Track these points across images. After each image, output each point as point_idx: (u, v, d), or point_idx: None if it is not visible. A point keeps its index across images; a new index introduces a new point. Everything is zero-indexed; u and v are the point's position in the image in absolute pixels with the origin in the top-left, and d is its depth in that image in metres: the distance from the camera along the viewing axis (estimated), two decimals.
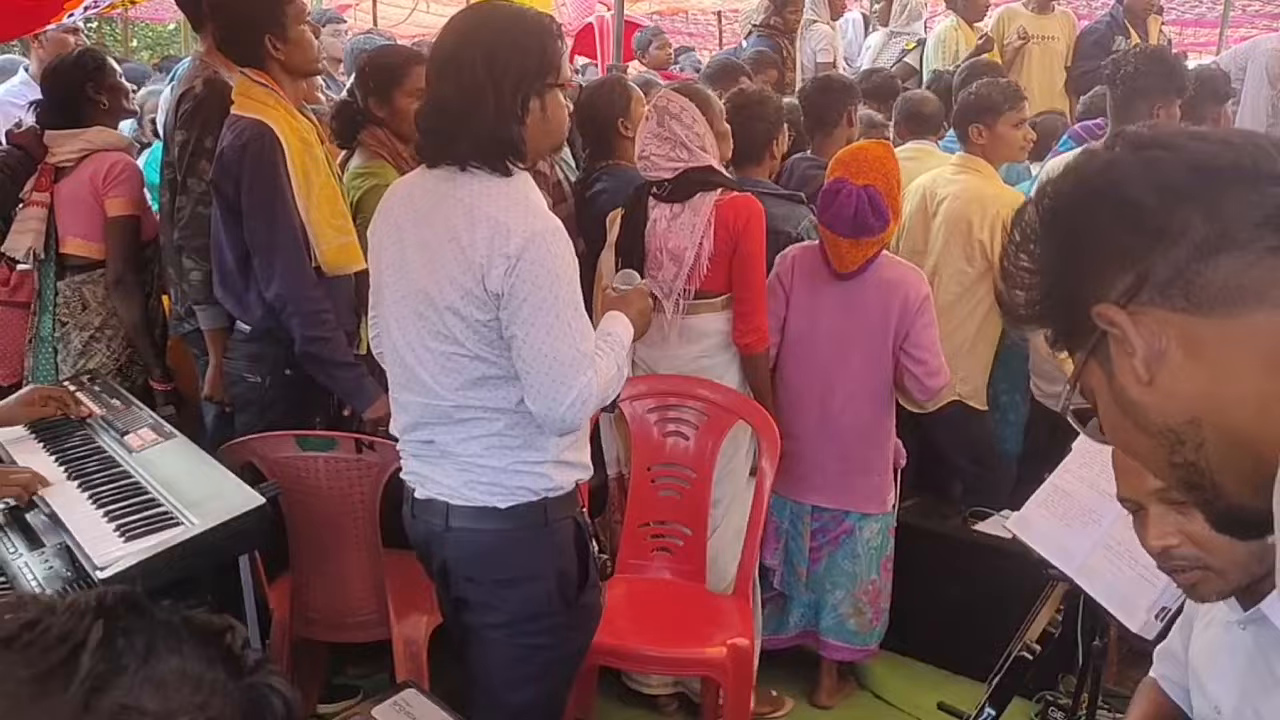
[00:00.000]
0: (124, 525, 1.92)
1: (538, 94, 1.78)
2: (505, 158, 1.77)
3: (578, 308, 1.77)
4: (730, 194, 2.67)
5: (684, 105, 2.67)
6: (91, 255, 3.02)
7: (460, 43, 1.80)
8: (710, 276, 2.68)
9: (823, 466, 2.89)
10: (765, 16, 5.75)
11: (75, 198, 2.99)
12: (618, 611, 2.61)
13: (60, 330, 2.99)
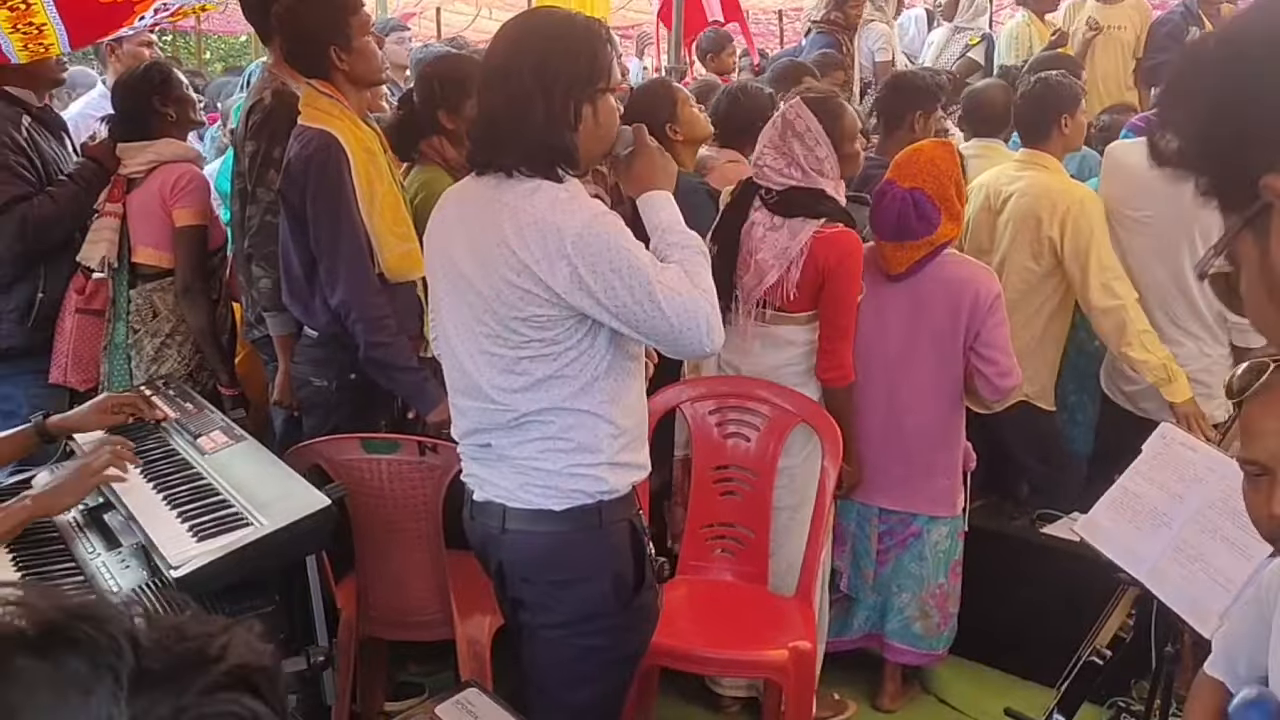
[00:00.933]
0: (197, 525, 1.97)
1: (589, 100, 1.79)
2: (556, 165, 1.78)
3: (653, 261, 1.77)
4: (832, 228, 2.65)
5: (810, 125, 2.64)
6: (161, 264, 3.09)
7: (510, 52, 1.81)
8: (794, 302, 2.68)
9: (889, 468, 2.86)
10: (825, 12, 5.70)
11: (145, 208, 3.07)
12: (679, 612, 2.62)
13: (133, 337, 3.08)
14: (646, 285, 1.72)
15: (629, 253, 1.73)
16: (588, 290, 1.72)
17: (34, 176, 3.05)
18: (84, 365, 3.11)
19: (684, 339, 1.77)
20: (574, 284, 1.72)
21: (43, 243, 3.05)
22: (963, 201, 2.81)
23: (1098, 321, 3.09)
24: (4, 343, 3.11)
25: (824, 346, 2.71)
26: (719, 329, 1.81)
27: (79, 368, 3.11)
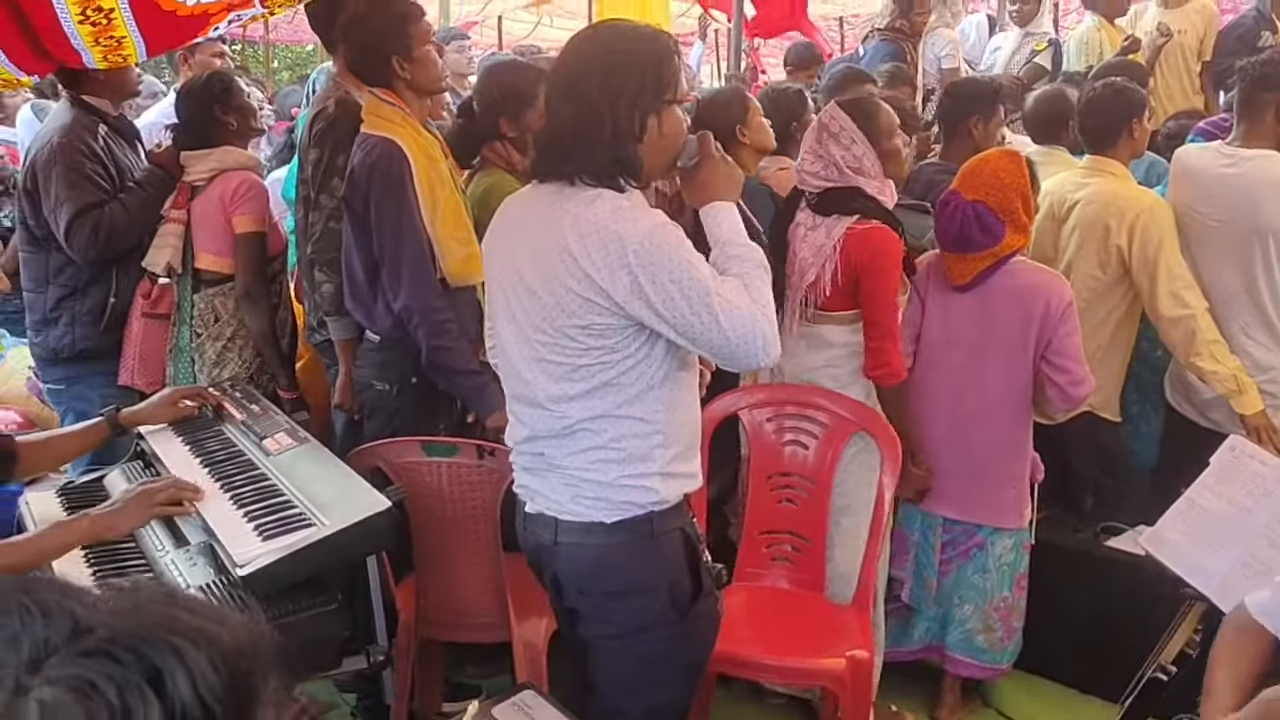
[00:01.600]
0: (262, 525, 2.01)
1: (655, 112, 1.79)
2: (620, 176, 1.78)
3: (713, 274, 1.77)
4: (865, 224, 2.65)
5: (844, 125, 2.66)
6: (222, 270, 3.15)
7: (577, 65, 1.82)
8: (832, 299, 2.68)
9: (954, 478, 2.83)
10: (890, 19, 5.65)
11: (206, 215, 3.13)
12: (736, 619, 2.60)
13: (196, 341, 3.15)
14: (705, 297, 1.72)
15: (689, 264, 1.73)
16: (646, 300, 1.72)
17: (109, 184, 3.14)
18: (150, 368, 3.19)
19: (739, 353, 1.77)
20: (633, 293, 1.72)
21: (115, 248, 3.14)
22: (1030, 213, 2.76)
23: (1166, 331, 3.02)
24: (79, 344, 3.21)
25: (868, 345, 2.70)
26: (775, 343, 1.80)
27: (145, 370, 3.19)
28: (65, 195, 3.06)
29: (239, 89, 3.26)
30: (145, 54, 2.12)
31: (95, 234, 3.07)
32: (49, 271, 3.21)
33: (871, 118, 2.69)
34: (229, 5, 1.74)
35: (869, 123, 2.68)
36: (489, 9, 12.62)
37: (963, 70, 5.93)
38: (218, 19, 1.77)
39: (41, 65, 2.05)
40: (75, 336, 3.21)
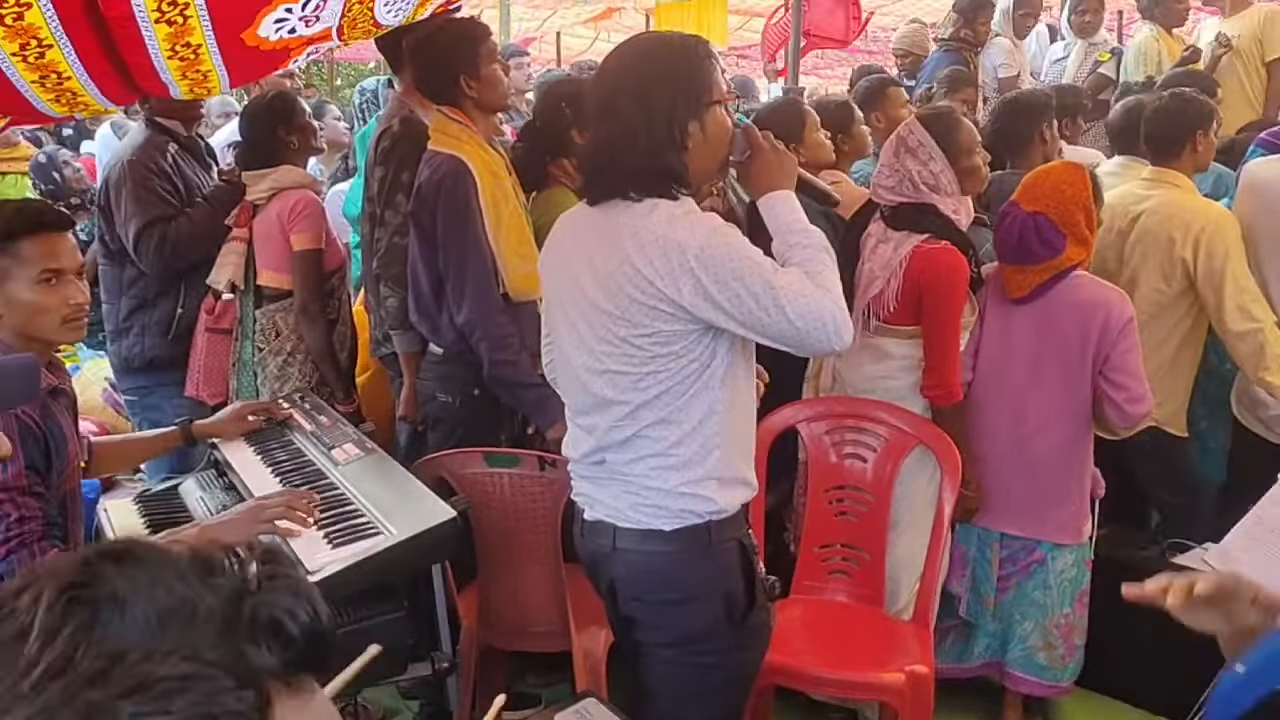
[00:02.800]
0: (331, 533, 2.06)
1: (695, 117, 1.81)
2: (668, 185, 1.81)
3: (774, 266, 1.79)
4: (934, 244, 2.64)
5: (923, 140, 2.66)
6: (282, 286, 3.22)
7: (609, 83, 1.86)
8: (895, 314, 2.69)
9: (1012, 493, 2.81)
10: (954, 30, 5.63)
11: (266, 233, 3.21)
12: (794, 632, 2.62)
13: (258, 355, 3.22)
14: (770, 291, 1.74)
15: (750, 260, 1.76)
16: (713, 301, 1.75)
17: (176, 199, 3.26)
18: (214, 381, 3.28)
19: (810, 339, 1.78)
20: (699, 296, 1.75)
21: (181, 260, 3.25)
22: (1093, 226, 2.74)
23: (1233, 346, 2.97)
24: (148, 353, 3.34)
25: (928, 364, 2.70)
26: (846, 325, 1.80)
27: (209, 383, 3.28)
28: (133, 210, 3.19)
29: (302, 109, 3.35)
30: (229, 86, 2.21)
31: (162, 246, 3.19)
32: (122, 284, 3.34)
33: (951, 133, 2.68)
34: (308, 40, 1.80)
35: (948, 138, 2.67)
36: (548, 25, 12.76)
37: (1025, 81, 5.88)
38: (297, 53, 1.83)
39: (129, 96, 2.14)
40: (144, 346, 3.33)
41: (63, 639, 0.49)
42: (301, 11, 1.79)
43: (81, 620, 0.50)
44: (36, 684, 0.48)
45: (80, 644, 0.49)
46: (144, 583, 0.53)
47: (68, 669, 0.49)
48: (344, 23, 1.87)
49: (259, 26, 1.78)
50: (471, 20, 2.93)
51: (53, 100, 1.99)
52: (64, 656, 0.49)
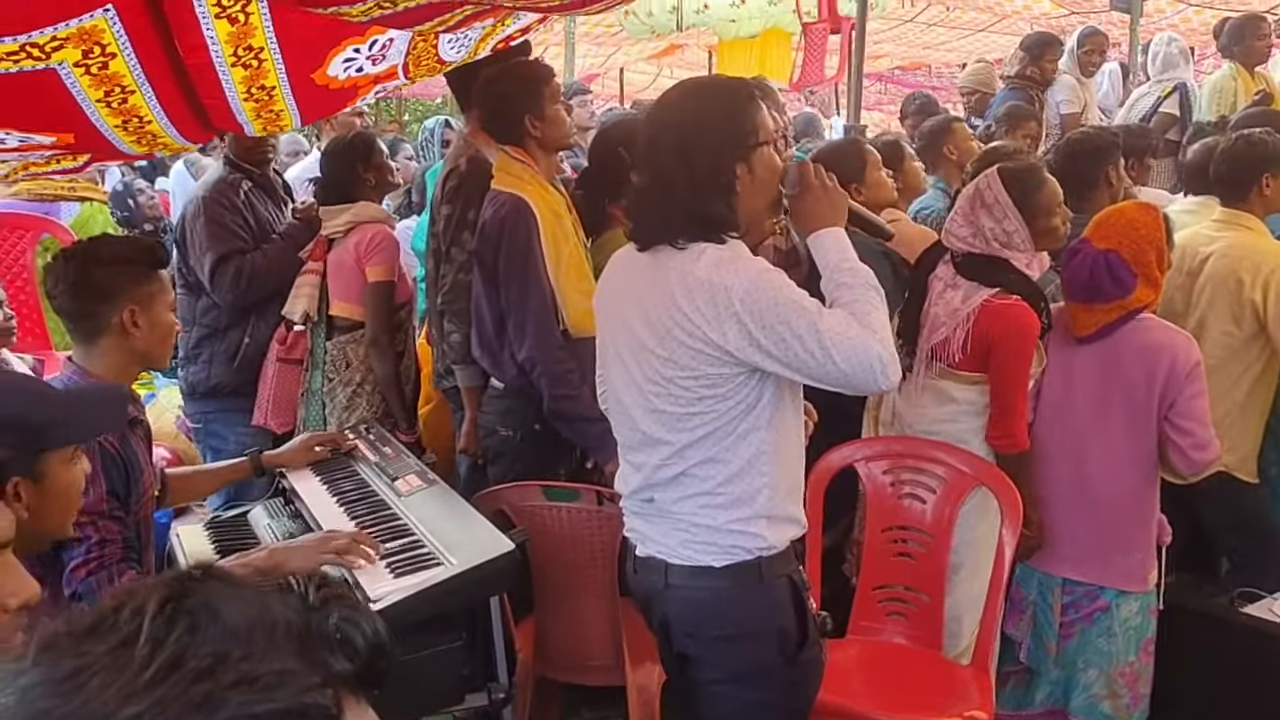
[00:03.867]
0: (394, 562, 2.10)
1: (741, 159, 1.83)
2: (715, 229, 1.82)
3: (819, 309, 1.80)
4: (1005, 298, 2.63)
5: (999, 198, 2.64)
6: (354, 317, 3.32)
7: (653, 129, 1.90)
8: (961, 363, 2.67)
9: (1076, 538, 2.75)
10: (1020, 67, 5.61)
11: (342, 265, 3.31)
12: (850, 672, 2.59)
13: (328, 385, 3.31)
14: (815, 332, 1.75)
15: (795, 303, 1.77)
16: (758, 345, 1.76)
17: (249, 234, 3.37)
18: (282, 410, 3.37)
19: (856, 380, 1.79)
20: (744, 340, 1.76)
21: (254, 293, 3.36)
22: (1164, 268, 2.70)
23: None
24: (213, 380, 3.44)
25: (994, 414, 2.68)
26: (894, 365, 1.80)
27: (278, 412, 3.37)
28: (208, 244, 3.31)
29: (380, 149, 3.47)
30: (300, 123, 2.29)
31: (237, 278, 3.30)
32: (195, 314, 3.45)
33: (1031, 193, 2.66)
34: (376, 79, 1.88)
35: (1028, 200, 2.65)
36: (611, 61, 12.93)
37: (1091, 118, 5.83)
38: (365, 91, 1.91)
39: (205, 135, 2.24)
40: (210, 373, 3.43)
41: (171, 642, 0.56)
42: (369, 51, 1.86)
43: (185, 626, 0.57)
44: (151, 681, 0.54)
45: (187, 646, 0.56)
46: (228, 597, 0.60)
47: (179, 667, 0.55)
48: (409, 60, 1.94)
49: (328, 66, 1.86)
50: (536, 62, 3.00)
51: (134, 141, 2.09)
52: (174, 656, 0.55)
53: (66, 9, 1.50)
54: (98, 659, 0.56)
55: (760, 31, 8.29)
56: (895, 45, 11.86)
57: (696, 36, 9.96)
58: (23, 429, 1.52)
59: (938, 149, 4.02)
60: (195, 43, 1.66)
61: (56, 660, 0.56)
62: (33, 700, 0.55)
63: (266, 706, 0.55)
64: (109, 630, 0.57)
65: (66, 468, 1.63)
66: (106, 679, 0.55)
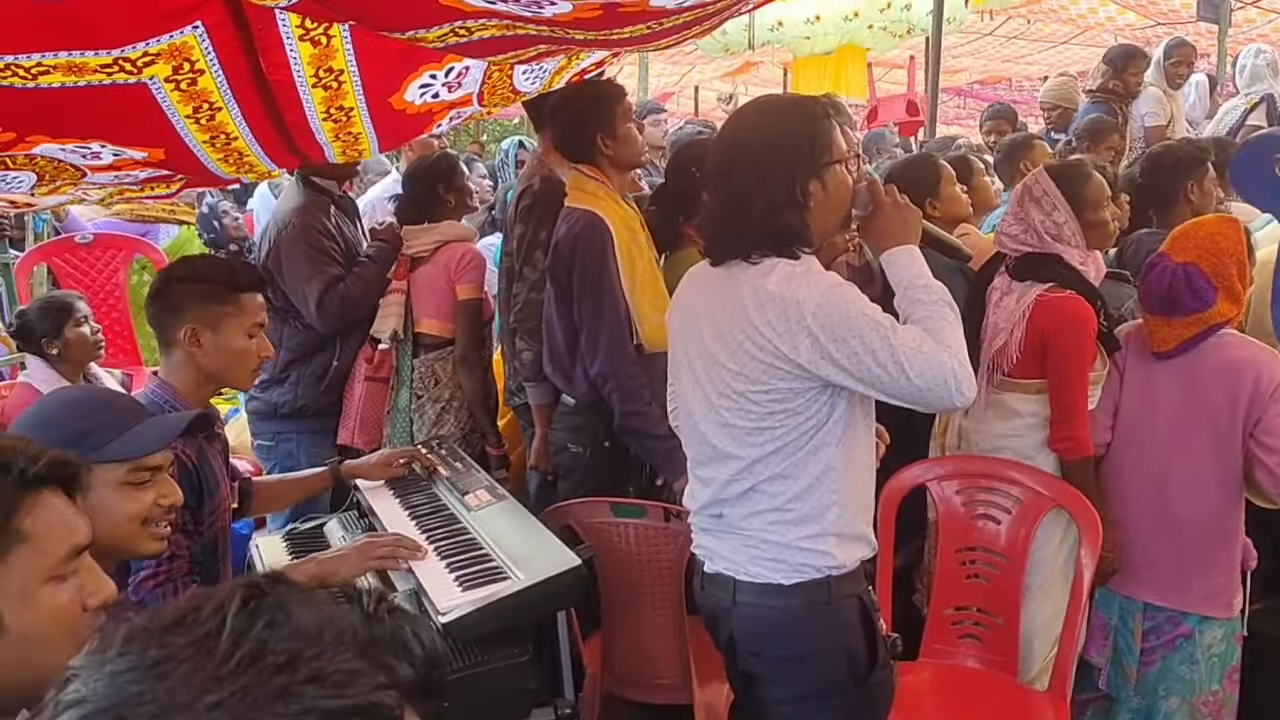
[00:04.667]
0: (462, 576, 2.12)
1: (815, 177, 1.84)
2: (788, 245, 1.83)
3: (892, 324, 1.79)
4: (1059, 292, 2.60)
5: (1048, 190, 2.63)
6: (443, 334, 3.36)
7: (727, 146, 1.91)
8: (1018, 367, 2.63)
9: (1157, 561, 2.68)
10: (1103, 80, 5.51)
11: (430, 283, 3.36)
12: (922, 697, 2.56)
13: (416, 403, 3.35)
14: (888, 347, 1.74)
15: (868, 318, 1.77)
16: (830, 359, 1.76)
17: (342, 258, 3.40)
18: (369, 428, 3.42)
19: (930, 396, 1.78)
20: (816, 354, 1.76)
21: (353, 316, 3.38)
22: (1245, 283, 2.63)
23: None
24: (299, 402, 3.46)
25: (1054, 416, 2.62)
26: (969, 383, 1.79)
27: (364, 430, 3.42)
28: (310, 272, 3.29)
29: (461, 171, 3.53)
30: (378, 148, 2.35)
31: (343, 305, 3.31)
32: (282, 338, 3.43)
33: (1079, 186, 2.64)
34: (451, 105, 1.92)
35: (1075, 191, 2.63)
36: (686, 79, 13.00)
37: (1178, 130, 5.69)
38: (440, 117, 1.96)
39: (290, 160, 2.32)
40: (297, 395, 3.46)
41: (252, 637, 0.60)
42: (445, 78, 1.91)
43: (265, 624, 0.61)
44: (234, 671, 0.59)
45: (265, 642, 0.60)
46: (299, 601, 0.64)
47: (259, 660, 0.59)
48: (484, 89, 1.99)
49: (405, 91, 1.91)
50: (608, 81, 3.03)
51: (221, 160, 2.17)
52: (254, 650, 0.60)
53: (158, 25, 1.56)
54: (182, 649, 0.60)
55: (835, 48, 8.25)
56: (974, 59, 11.72)
57: (771, 54, 9.95)
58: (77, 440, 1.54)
59: (1014, 164, 3.96)
60: (278, 60, 1.72)
61: (143, 650, 0.61)
62: (122, 685, 0.59)
63: (337, 703, 0.59)
64: (192, 625, 0.62)
65: (114, 490, 1.63)
66: (193, 667, 0.59)
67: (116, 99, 1.74)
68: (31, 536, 1.06)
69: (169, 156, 2.13)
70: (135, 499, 1.66)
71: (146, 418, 1.72)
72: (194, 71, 1.72)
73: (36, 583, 1.06)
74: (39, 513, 1.08)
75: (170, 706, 0.57)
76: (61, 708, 0.59)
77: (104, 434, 1.65)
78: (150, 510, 1.67)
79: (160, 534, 1.71)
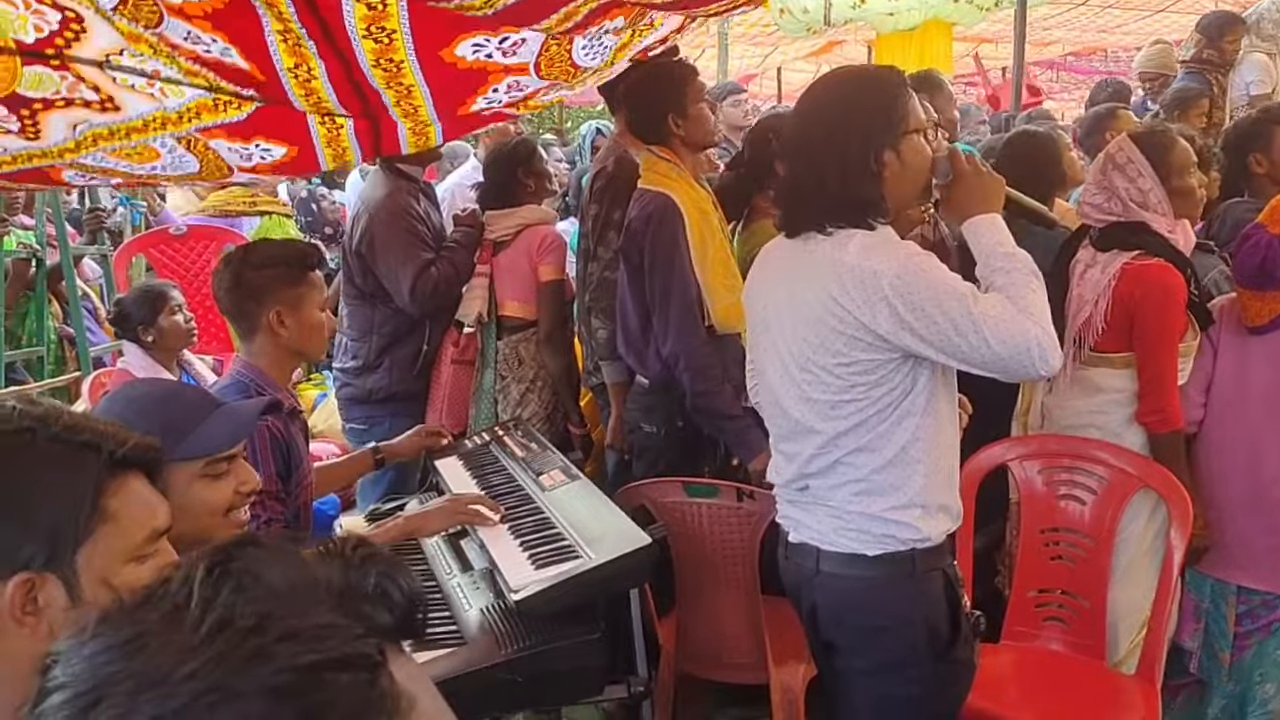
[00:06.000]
0: (536, 555, 2.15)
1: (890, 146, 1.82)
2: (864, 216, 1.82)
3: (972, 292, 1.77)
4: (1145, 260, 2.52)
5: (1132, 156, 2.56)
6: (526, 316, 3.41)
7: (805, 117, 1.90)
8: (1104, 339, 2.55)
9: (1251, 543, 2.58)
10: (1197, 50, 5.29)
11: (513, 266, 3.40)
12: (1006, 679, 2.51)
13: (500, 384, 3.40)
14: (968, 317, 1.72)
15: (947, 287, 1.74)
16: (910, 329, 1.74)
17: (433, 242, 3.44)
18: (456, 410, 3.48)
19: (1013, 365, 1.75)
20: (896, 324, 1.74)
21: (443, 300, 3.42)
22: None
23: None
24: (394, 387, 3.50)
25: (1142, 388, 2.54)
26: (1053, 351, 1.76)
27: (452, 412, 3.47)
28: (404, 257, 3.33)
29: (540, 156, 3.56)
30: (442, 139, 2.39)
31: (435, 290, 3.35)
32: (374, 323, 3.49)
33: (1164, 152, 2.55)
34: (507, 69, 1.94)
35: (1160, 156, 2.54)
36: (769, 61, 12.87)
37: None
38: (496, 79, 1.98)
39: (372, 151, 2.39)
40: (391, 380, 3.51)
41: (220, 602, 0.61)
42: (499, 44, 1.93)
43: (231, 588, 0.62)
44: (205, 639, 0.59)
45: (235, 604, 0.61)
46: (269, 561, 0.65)
47: (231, 623, 0.60)
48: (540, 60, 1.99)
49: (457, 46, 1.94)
50: (679, 62, 3.02)
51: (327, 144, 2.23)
52: (224, 615, 0.60)
53: None
54: (154, 624, 0.61)
55: (920, 23, 8.07)
56: (1067, 30, 11.33)
57: (854, 32, 9.78)
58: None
59: (1099, 137, 3.84)
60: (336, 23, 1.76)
61: (115, 629, 0.62)
62: (99, 665, 0.60)
63: (312, 657, 0.59)
64: (160, 599, 0.63)
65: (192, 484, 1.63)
66: (164, 641, 0.59)
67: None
68: (116, 517, 1.10)
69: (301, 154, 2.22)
70: (215, 490, 1.67)
71: (214, 410, 1.74)
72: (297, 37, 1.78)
73: (119, 563, 1.10)
74: (123, 494, 1.11)
75: (145, 682, 0.57)
76: (45, 694, 0.61)
77: (173, 434, 1.63)
78: (231, 499, 1.69)
79: (240, 520, 1.73)
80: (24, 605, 1.04)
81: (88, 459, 1.10)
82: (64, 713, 0.59)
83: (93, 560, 1.08)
